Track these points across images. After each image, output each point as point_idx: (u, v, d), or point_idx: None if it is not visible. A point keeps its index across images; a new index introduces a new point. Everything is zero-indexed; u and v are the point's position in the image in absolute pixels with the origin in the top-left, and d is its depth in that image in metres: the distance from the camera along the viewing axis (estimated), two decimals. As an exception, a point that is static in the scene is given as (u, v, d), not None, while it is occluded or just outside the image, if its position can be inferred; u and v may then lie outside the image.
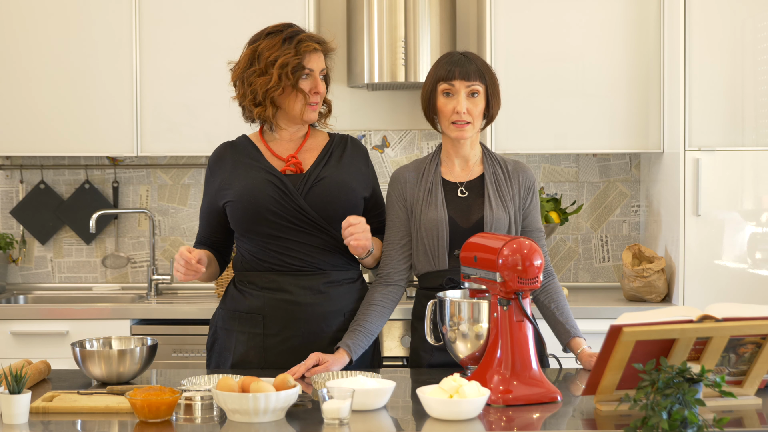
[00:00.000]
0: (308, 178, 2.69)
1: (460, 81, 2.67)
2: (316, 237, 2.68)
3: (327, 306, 2.68)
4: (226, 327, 2.74)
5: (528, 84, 3.91)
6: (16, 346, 3.73)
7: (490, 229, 2.69)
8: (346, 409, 2.04)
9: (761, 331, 2.13)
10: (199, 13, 3.99)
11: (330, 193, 2.69)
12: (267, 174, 2.69)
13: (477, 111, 2.69)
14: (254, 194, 2.65)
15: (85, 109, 4.01)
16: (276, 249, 2.68)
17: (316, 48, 2.71)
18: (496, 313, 2.30)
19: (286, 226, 2.66)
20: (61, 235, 4.38)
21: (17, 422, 2.06)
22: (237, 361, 2.70)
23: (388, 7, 3.94)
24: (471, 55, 2.74)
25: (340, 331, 2.69)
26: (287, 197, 2.66)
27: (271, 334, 2.67)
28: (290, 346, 2.66)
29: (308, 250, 2.68)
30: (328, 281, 2.69)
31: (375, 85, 4.12)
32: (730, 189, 3.70)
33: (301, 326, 2.66)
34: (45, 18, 4.00)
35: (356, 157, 2.80)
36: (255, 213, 2.65)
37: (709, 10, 3.71)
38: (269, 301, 2.68)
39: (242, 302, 2.72)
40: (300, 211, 2.66)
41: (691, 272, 3.71)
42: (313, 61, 2.71)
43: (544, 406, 2.22)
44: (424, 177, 2.76)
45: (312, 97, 2.71)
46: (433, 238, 2.69)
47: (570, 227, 4.32)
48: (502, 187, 2.74)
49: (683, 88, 3.71)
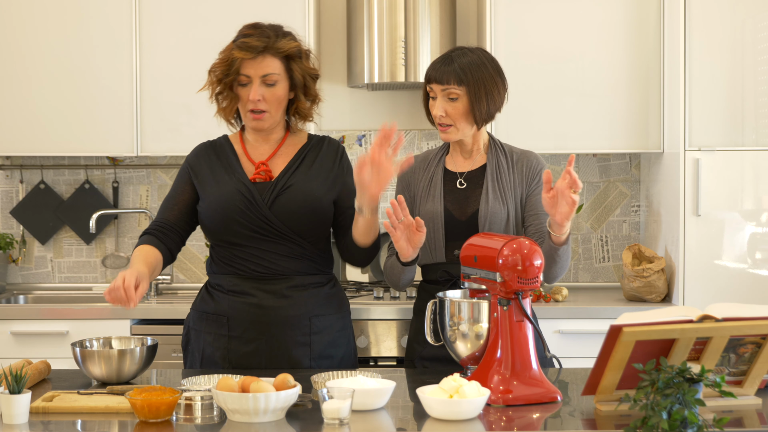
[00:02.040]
0: (275, 186, 2.66)
1: (436, 84, 2.67)
2: (281, 245, 2.66)
3: (290, 310, 2.67)
4: (195, 327, 2.76)
5: (528, 84, 3.91)
6: (16, 346, 3.73)
7: (485, 222, 2.70)
8: (346, 409, 2.04)
9: (761, 331, 2.13)
10: (199, 13, 3.99)
11: (295, 202, 2.65)
12: (237, 183, 2.67)
13: (457, 113, 2.66)
14: (223, 205, 2.65)
15: (85, 109, 4.01)
16: (241, 255, 2.67)
17: (246, 56, 2.61)
18: (496, 313, 2.30)
19: (251, 235, 2.65)
20: (61, 235, 4.38)
21: (17, 422, 2.06)
22: (203, 362, 2.71)
23: (388, 7, 3.94)
24: (456, 54, 2.68)
25: (305, 334, 2.68)
26: (253, 207, 2.64)
27: (235, 336, 2.67)
28: (254, 349, 2.66)
29: (273, 258, 2.67)
30: (291, 285, 2.68)
31: (375, 85, 4.12)
32: (730, 189, 3.70)
33: (265, 329, 2.66)
34: (45, 18, 4.00)
35: (327, 157, 2.73)
36: (222, 223, 2.65)
37: (709, 10, 3.71)
38: (234, 304, 2.68)
39: (210, 304, 2.72)
40: (265, 221, 2.64)
41: (691, 272, 3.71)
42: (249, 68, 2.63)
43: (544, 406, 2.22)
44: (428, 166, 2.79)
45: (249, 105, 2.65)
46: (430, 230, 2.70)
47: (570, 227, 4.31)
48: (503, 178, 2.74)
49: (683, 88, 3.71)
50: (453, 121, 2.67)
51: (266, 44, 2.64)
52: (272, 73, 2.64)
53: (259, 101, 2.64)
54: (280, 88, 2.66)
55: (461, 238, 2.61)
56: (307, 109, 2.75)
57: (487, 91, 2.67)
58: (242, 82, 2.65)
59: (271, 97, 2.65)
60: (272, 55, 2.65)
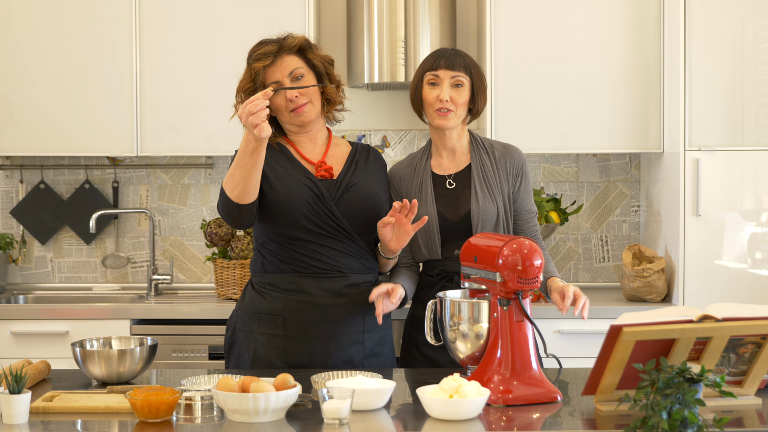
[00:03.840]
0: (340, 184, 2.73)
1: (445, 70, 2.77)
2: (341, 242, 2.71)
3: (347, 308, 2.70)
4: (245, 328, 2.75)
5: (528, 84, 3.91)
6: (16, 346, 3.73)
7: (477, 222, 2.75)
8: (346, 409, 2.04)
9: (761, 331, 2.13)
10: (199, 13, 3.99)
11: (360, 199, 2.73)
12: (304, 178, 2.71)
13: (461, 101, 2.77)
14: (291, 199, 2.67)
15: (85, 109, 4.01)
16: (302, 252, 2.70)
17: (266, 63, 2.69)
18: (496, 313, 2.30)
19: (315, 231, 2.69)
20: (61, 235, 4.38)
21: (17, 422, 2.07)
22: (256, 363, 2.70)
23: (388, 7, 3.94)
24: (459, 51, 2.83)
25: (359, 333, 2.72)
26: (321, 202, 2.68)
27: (291, 335, 2.69)
28: (310, 348, 2.68)
29: (333, 255, 2.71)
30: (348, 284, 2.72)
31: (375, 85, 4.12)
32: (730, 189, 3.70)
33: (321, 328, 2.68)
34: (45, 18, 4.00)
35: (377, 166, 2.86)
36: (289, 216, 2.67)
37: (709, 10, 3.71)
38: (290, 303, 2.69)
39: (262, 303, 2.73)
40: (331, 217, 2.69)
41: (691, 272, 3.71)
42: (274, 73, 2.72)
43: (544, 406, 2.22)
44: (416, 172, 2.85)
45: (289, 105, 2.72)
46: (425, 233, 2.78)
47: (570, 227, 4.32)
48: (489, 176, 2.81)
49: (683, 88, 3.71)
50: (455, 107, 2.77)
51: (278, 46, 2.73)
52: (297, 68, 2.73)
53: (296, 97, 2.71)
54: (309, 80, 2.75)
55: (456, 239, 2.74)
56: (335, 93, 2.83)
57: (484, 88, 2.83)
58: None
59: (305, 90, 2.73)
60: (288, 54, 2.74)
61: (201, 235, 4.34)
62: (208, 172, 4.35)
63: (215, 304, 3.82)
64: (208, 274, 4.35)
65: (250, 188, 2.56)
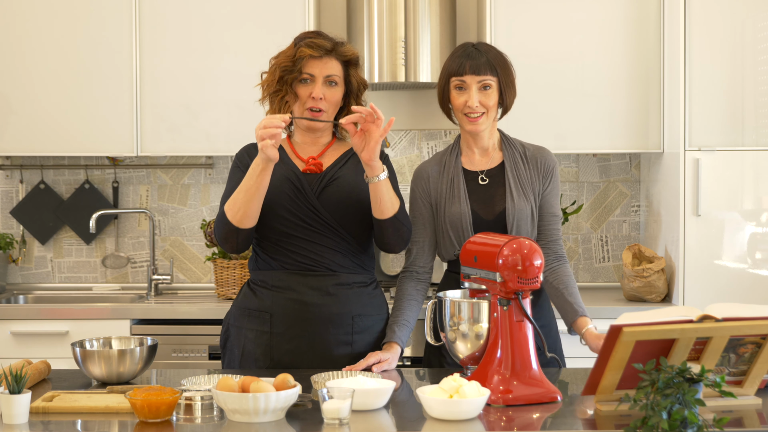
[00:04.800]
0: (324, 177, 2.71)
1: (471, 75, 2.72)
2: (327, 237, 2.68)
3: (334, 308, 2.68)
4: (236, 324, 2.75)
5: (528, 84, 3.91)
6: (16, 346, 3.73)
7: (512, 221, 2.72)
8: (346, 409, 2.04)
9: (761, 331, 2.13)
10: (199, 13, 3.99)
11: (342, 192, 2.69)
12: (286, 170, 2.70)
13: (490, 103, 2.74)
14: (273, 190, 2.65)
15: (85, 109, 4.01)
16: (287, 247, 2.69)
17: (314, 54, 2.69)
18: (496, 313, 2.30)
19: (298, 224, 2.67)
20: (61, 235, 4.38)
21: (17, 422, 2.07)
22: (244, 359, 2.70)
23: (388, 7, 3.94)
24: (483, 47, 2.77)
25: (348, 334, 2.69)
26: (301, 195, 2.67)
27: (278, 332, 2.68)
28: (296, 346, 2.66)
29: (319, 250, 2.68)
30: (337, 283, 2.69)
31: (375, 85, 4.12)
32: (730, 189, 3.70)
33: (308, 327, 2.66)
34: (45, 18, 4.00)
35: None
36: (269, 209, 2.66)
37: (709, 10, 3.71)
38: (278, 300, 2.68)
39: (252, 300, 2.73)
40: (312, 210, 2.67)
41: (691, 272, 3.71)
42: (314, 67, 2.70)
43: (544, 406, 2.22)
44: (446, 169, 2.81)
45: (309, 102, 2.70)
46: (458, 231, 2.74)
47: (570, 227, 4.32)
48: (521, 174, 2.78)
49: (683, 88, 3.71)
50: (486, 110, 2.74)
51: (333, 46, 2.73)
52: (335, 74, 2.72)
53: (320, 99, 2.70)
54: (338, 91, 2.74)
55: None
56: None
57: (512, 81, 2.78)
58: (304, 80, 2.70)
59: (331, 98, 2.71)
60: (336, 58, 2.73)
61: (201, 235, 4.34)
62: (208, 172, 4.35)
63: (215, 304, 3.82)
64: (208, 274, 4.35)
65: (251, 212, 2.58)
